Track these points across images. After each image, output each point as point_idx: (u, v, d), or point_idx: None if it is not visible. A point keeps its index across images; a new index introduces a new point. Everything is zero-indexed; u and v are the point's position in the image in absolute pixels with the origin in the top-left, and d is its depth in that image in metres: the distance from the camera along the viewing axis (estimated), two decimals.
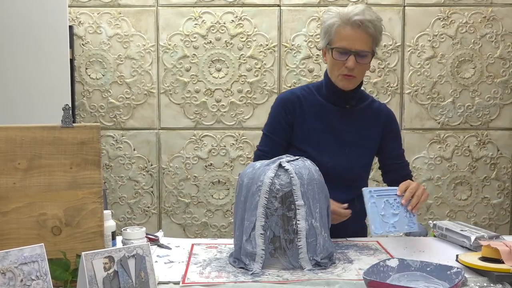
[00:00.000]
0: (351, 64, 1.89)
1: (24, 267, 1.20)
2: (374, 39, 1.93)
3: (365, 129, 2.04)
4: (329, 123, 2.02)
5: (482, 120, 3.47)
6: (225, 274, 1.56)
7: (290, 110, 2.03)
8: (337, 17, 1.90)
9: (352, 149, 2.02)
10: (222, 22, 3.40)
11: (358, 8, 1.89)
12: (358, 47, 1.89)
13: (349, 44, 1.89)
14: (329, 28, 1.92)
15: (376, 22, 1.91)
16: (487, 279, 1.49)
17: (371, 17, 1.89)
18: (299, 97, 2.04)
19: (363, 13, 1.88)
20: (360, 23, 1.87)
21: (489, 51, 3.43)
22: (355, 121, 2.04)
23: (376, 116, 2.07)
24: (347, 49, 1.89)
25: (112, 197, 3.47)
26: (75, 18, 3.38)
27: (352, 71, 1.91)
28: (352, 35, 1.88)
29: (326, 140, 2.01)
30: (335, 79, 1.98)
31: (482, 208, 3.52)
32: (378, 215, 1.72)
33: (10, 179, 1.45)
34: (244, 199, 1.64)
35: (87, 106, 3.42)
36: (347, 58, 1.90)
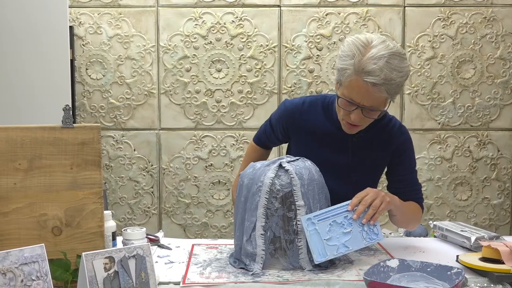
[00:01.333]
0: (355, 117, 1.69)
1: (24, 268, 1.20)
2: (391, 96, 1.68)
3: (374, 152, 1.87)
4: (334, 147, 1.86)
5: (483, 120, 3.47)
6: (226, 274, 1.56)
7: (287, 123, 1.93)
8: (353, 63, 1.63)
9: (358, 171, 1.87)
10: (222, 22, 3.40)
11: (377, 64, 1.59)
12: (366, 104, 1.66)
13: (358, 98, 1.65)
14: (342, 71, 1.67)
15: (397, 79, 1.62)
16: (487, 279, 1.49)
17: (391, 74, 1.60)
18: (302, 113, 1.89)
19: (381, 72, 1.59)
20: (372, 84, 1.61)
21: (490, 51, 3.43)
22: (364, 145, 1.86)
23: (387, 140, 1.86)
24: (357, 103, 1.66)
25: (112, 197, 3.47)
26: (75, 19, 3.38)
27: (357, 122, 1.72)
28: (363, 91, 1.63)
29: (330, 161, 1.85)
30: (340, 119, 1.79)
31: (482, 209, 3.52)
32: (321, 241, 1.57)
33: (10, 179, 1.45)
34: (245, 199, 1.64)
35: (87, 107, 3.42)
36: (353, 110, 1.69)
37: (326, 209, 1.61)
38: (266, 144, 2.13)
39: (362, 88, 1.62)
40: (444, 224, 1.98)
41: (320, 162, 1.75)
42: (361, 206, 1.62)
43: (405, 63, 1.64)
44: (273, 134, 2.05)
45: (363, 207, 1.62)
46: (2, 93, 3.05)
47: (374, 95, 1.63)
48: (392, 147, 1.86)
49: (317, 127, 1.88)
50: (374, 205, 1.62)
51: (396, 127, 1.88)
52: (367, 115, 1.69)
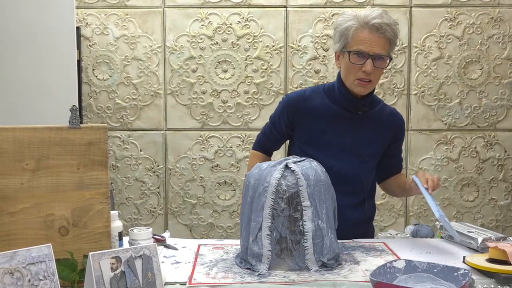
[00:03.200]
0: (369, 68, 1.86)
1: (31, 267, 1.21)
2: (391, 43, 1.90)
3: (374, 135, 2.02)
4: (338, 127, 1.98)
5: (489, 121, 3.46)
6: (232, 274, 1.56)
7: (292, 113, 2.03)
8: (354, 20, 1.86)
9: (361, 153, 2.00)
10: (228, 23, 3.40)
11: (376, 12, 1.85)
12: (376, 51, 1.85)
13: (367, 47, 1.85)
14: (346, 31, 1.88)
15: (393, 26, 1.88)
16: (494, 280, 1.49)
17: (388, 21, 1.86)
18: (306, 99, 2.01)
19: (381, 17, 1.84)
20: (378, 26, 1.83)
21: (496, 52, 3.42)
22: (365, 127, 2.00)
23: (388, 123, 2.05)
24: (365, 53, 1.85)
25: (118, 197, 3.48)
26: (82, 20, 3.39)
27: (369, 75, 1.88)
28: (370, 38, 1.84)
29: (333, 144, 1.99)
30: (350, 84, 1.93)
31: (489, 210, 3.51)
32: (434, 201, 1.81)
33: (18, 179, 1.45)
34: (251, 200, 1.64)
35: (94, 107, 3.43)
36: (365, 62, 1.86)
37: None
38: (267, 148, 2.18)
39: (369, 36, 1.84)
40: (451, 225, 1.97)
41: (327, 144, 1.96)
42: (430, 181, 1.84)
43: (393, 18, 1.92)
44: (276, 131, 2.09)
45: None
46: (10, 93, 3.06)
47: (380, 41, 1.85)
48: (394, 128, 2.07)
49: (322, 110, 1.99)
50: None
51: (390, 109, 2.10)
52: (377, 65, 1.87)
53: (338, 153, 1.97)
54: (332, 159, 1.94)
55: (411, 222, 3.41)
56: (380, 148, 2.06)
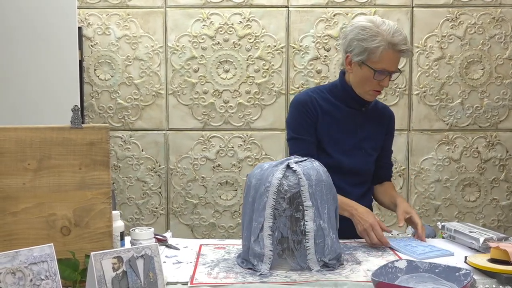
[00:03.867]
0: (387, 83, 2.01)
1: (33, 267, 1.21)
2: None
3: (373, 128, 2.16)
4: (344, 123, 2.10)
5: (491, 121, 3.46)
6: (233, 274, 1.56)
7: (311, 109, 2.07)
8: (381, 39, 1.92)
9: (365, 147, 2.13)
10: (230, 23, 3.40)
11: (401, 35, 1.94)
12: (395, 69, 2.00)
13: (391, 67, 1.98)
14: (374, 50, 1.93)
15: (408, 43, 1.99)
16: (496, 280, 1.49)
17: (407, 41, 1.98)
18: (315, 98, 2.09)
19: (405, 41, 1.95)
20: (406, 51, 1.96)
21: (498, 52, 3.42)
22: (366, 121, 2.14)
23: (381, 116, 2.20)
24: (388, 71, 1.98)
25: (120, 197, 3.48)
26: (84, 20, 3.39)
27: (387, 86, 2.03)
28: (395, 59, 1.97)
29: (342, 139, 2.09)
30: (363, 93, 2.05)
31: (490, 210, 3.51)
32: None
33: (19, 179, 1.46)
34: (252, 200, 1.64)
35: (95, 107, 3.44)
36: (385, 78, 1.98)
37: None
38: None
39: (394, 57, 1.96)
40: (452, 225, 1.97)
41: (336, 139, 2.07)
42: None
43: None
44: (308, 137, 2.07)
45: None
46: (12, 93, 3.07)
47: (399, 59, 1.99)
48: (386, 120, 2.21)
49: (329, 108, 2.09)
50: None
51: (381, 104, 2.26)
52: (392, 78, 2.02)
53: (346, 147, 2.09)
54: (341, 153, 2.08)
55: None
56: (380, 141, 2.19)
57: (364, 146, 2.12)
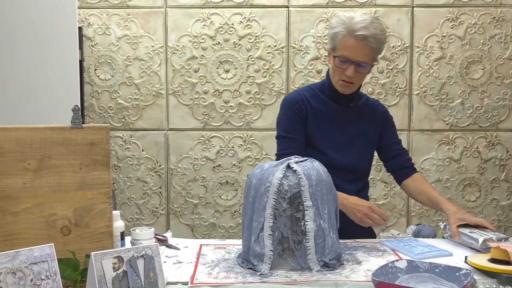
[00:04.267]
0: (350, 73, 1.99)
1: (34, 267, 1.21)
2: (376, 52, 2.01)
3: (366, 124, 2.16)
4: (335, 120, 2.11)
5: (491, 121, 3.46)
6: (234, 274, 1.56)
7: (301, 108, 2.10)
8: (343, 26, 1.96)
9: (358, 143, 2.13)
10: (230, 23, 3.40)
11: (364, 22, 1.94)
12: (359, 58, 1.97)
13: (351, 54, 1.97)
14: (335, 36, 2.00)
15: (380, 35, 1.97)
16: (496, 280, 1.49)
17: (375, 30, 1.95)
18: (306, 96, 2.12)
19: (368, 28, 1.93)
20: (363, 37, 1.93)
21: (498, 52, 3.42)
22: (357, 117, 2.14)
23: (373, 111, 2.19)
24: (349, 59, 1.97)
25: (120, 197, 3.48)
26: (84, 20, 3.39)
27: (351, 78, 2.01)
28: (355, 46, 1.95)
29: (334, 136, 2.10)
30: (335, 83, 2.07)
31: (491, 210, 3.50)
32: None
33: (20, 179, 1.46)
34: (253, 200, 1.64)
35: (96, 107, 3.44)
36: (348, 67, 1.99)
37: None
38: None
39: (354, 45, 1.94)
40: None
41: (328, 136, 2.08)
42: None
43: (383, 26, 2.03)
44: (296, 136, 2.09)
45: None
46: (12, 93, 3.07)
47: (363, 50, 1.95)
48: (379, 114, 2.19)
49: (320, 105, 2.11)
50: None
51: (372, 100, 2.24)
52: (359, 70, 2.00)
53: (338, 144, 2.10)
54: (334, 150, 2.08)
55: (413, 222, 3.40)
56: (373, 137, 2.18)
57: (356, 142, 2.12)
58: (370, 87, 3.39)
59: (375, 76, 3.40)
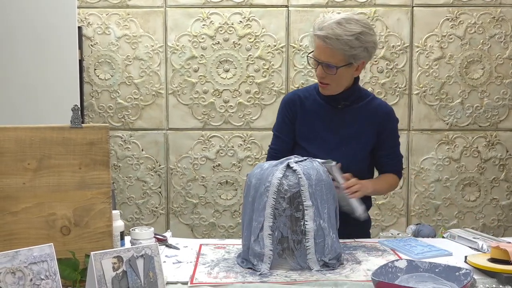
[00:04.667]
0: (318, 73, 1.99)
1: (33, 267, 1.21)
2: (344, 53, 1.92)
3: (361, 127, 2.08)
4: (327, 121, 2.09)
5: (491, 121, 3.46)
6: (233, 274, 1.56)
7: (292, 109, 2.12)
8: (312, 26, 1.99)
9: (348, 145, 2.07)
10: (230, 23, 3.40)
11: (327, 22, 1.91)
12: (324, 59, 1.95)
13: (317, 54, 1.97)
14: (310, 36, 2.05)
15: (346, 36, 1.88)
16: (496, 280, 1.49)
17: (339, 31, 1.88)
18: (301, 97, 2.13)
19: (328, 28, 1.89)
20: (321, 38, 1.91)
21: (498, 51, 3.42)
22: (351, 119, 2.08)
23: (372, 115, 2.09)
24: (316, 59, 1.98)
25: (120, 197, 3.48)
26: (84, 19, 3.39)
27: (323, 79, 2.00)
28: (319, 47, 1.95)
29: (323, 137, 2.08)
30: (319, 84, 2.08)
31: (491, 210, 3.50)
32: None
33: (19, 179, 1.46)
34: (252, 199, 1.64)
35: (95, 107, 3.44)
36: (316, 67, 1.99)
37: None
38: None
39: (318, 45, 1.94)
40: (456, 232, 1.98)
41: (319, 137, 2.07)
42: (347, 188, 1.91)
43: (354, 27, 1.91)
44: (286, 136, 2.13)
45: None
46: (11, 93, 3.07)
47: (326, 51, 1.92)
48: (378, 119, 2.09)
49: (314, 106, 2.11)
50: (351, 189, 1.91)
51: (379, 101, 2.15)
52: (327, 71, 1.96)
53: (330, 145, 2.06)
54: (325, 151, 2.03)
55: (413, 222, 3.40)
56: (368, 140, 2.09)
57: (348, 144, 2.06)
58: (370, 87, 3.39)
59: (374, 76, 3.40)
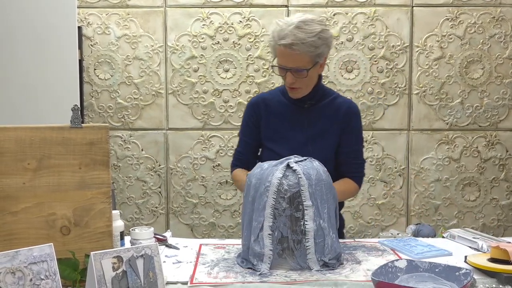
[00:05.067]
0: (289, 80, 1.99)
1: (33, 267, 1.21)
2: (310, 55, 1.94)
3: (325, 125, 2.10)
4: (292, 121, 2.11)
5: (491, 120, 3.46)
6: (233, 274, 1.56)
7: (256, 112, 2.15)
8: (272, 35, 1.97)
9: (314, 144, 2.08)
10: (230, 22, 3.40)
11: (287, 29, 1.90)
12: (292, 65, 1.96)
13: (284, 62, 1.97)
14: (270, 46, 2.03)
15: (309, 38, 1.90)
16: (496, 280, 1.49)
17: (301, 35, 1.90)
18: (265, 100, 2.16)
19: (290, 35, 1.90)
20: (287, 46, 1.91)
21: (498, 51, 3.42)
22: (316, 118, 2.10)
23: (335, 112, 2.10)
24: (284, 67, 1.98)
25: (120, 197, 3.48)
26: (83, 19, 3.39)
27: (294, 84, 2.01)
28: (286, 54, 1.94)
29: (290, 137, 2.10)
30: (287, 89, 2.08)
31: (490, 209, 3.51)
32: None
33: (19, 179, 1.46)
34: (252, 199, 1.64)
35: (95, 107, 3.44)
36: (286, 74, 1.99)
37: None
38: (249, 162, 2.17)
39: (283, 53, 1.94)
40: (456, 232, 1.98)
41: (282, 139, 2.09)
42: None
43: (314, 27, 1.93)
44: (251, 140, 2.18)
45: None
46: (11, 93, 3.07)
47: (295, 56, 1.93)
48: (340, 116, 2.10)
49: (280, 107, 2.13)
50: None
51: (342, 99, 2.15)
52: (297, 75, 1.97)
53: (295, 144, 2.07)
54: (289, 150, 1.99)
55: (413, 222, 3.41)
56: (333, 138, 2.10)
57: (314, 143, 2.07)
58: (370, 87, 3.39)
59: (374, 75, 3.40)
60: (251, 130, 2.17)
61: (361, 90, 3.41)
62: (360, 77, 3.41)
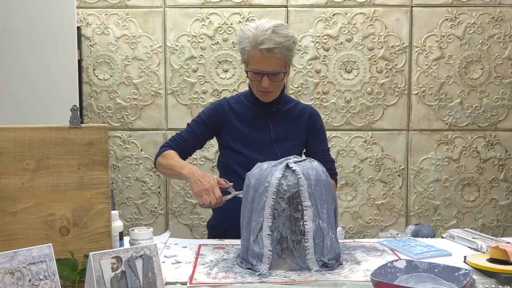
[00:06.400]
0: (265, 84, 2.05)
1: (32, 267, 1.21)
2: (286, 59, 2.04)
3: (291, 127, 2.20)
4: (257, 124, 2.18)
5: (490, 121, 3.46)
6: (232, 274, 1.56)
7: (219, 113, 2.21)
8: (248, 41, 2.01)
9: (281, 145, 2.16)
10: (229, 23, 3.40)
11: (265, 33, 1.97)
12: (270, 69, 2.03)
13: (261, 67, 2.03)
14: (243, 51, 2.06)
15: (285, 42, 1.99)
16: (495, 280, 1.49)
17: (279, 39, 1.98)
18: (230, 103, 2.22)
19: (271, 39, 1.96)
20: (268, 50, 1.97)
21: (497, 51, 3.42)
22: (282, 120, 2.20)
23: (300, 115, 2.23)
24: (260, 71, 2.04)
25: (119, 197, 3.48)
26: (83, 19, 3.39)
27: (268, 88, 2.08)
28: (263, 59, 2.00)
29: (256, 138, 2.17)
30: (256, 93, 2.15)
31: (490, 210, 3.51)
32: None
33: (18, 179, 1.46)
34: (251, 199, 1.64)
35: (94, 107, 3.43)
36: (261, 78, 2.05)
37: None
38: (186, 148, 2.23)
39: (261, 57, 2.00)
40: (455, 232, 1.98)
41: (248, 141, 2.15)
42: None
43: (288, 31, 2.04)
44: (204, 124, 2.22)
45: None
46: (10, 93, 3.06)
47: (272, 61, 2.00)
48: (305, 119, 2.22)
49: (244, 111, 2.20)
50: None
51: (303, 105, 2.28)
52: (273, 79, 2.06)
53: (259, 145, 2.15)
54: (256, 152, 2.12)
55: (412, 222, 3.41)
56: (298, 141, 2.22)
57: (279, 146, 2.16)
58: (369, 87, 3.39)
59: (374, 76, 3.40)
60: (205, 127, 2.22)
61: (360, 90, 3.41)
62: (359, 77, 3.41)
